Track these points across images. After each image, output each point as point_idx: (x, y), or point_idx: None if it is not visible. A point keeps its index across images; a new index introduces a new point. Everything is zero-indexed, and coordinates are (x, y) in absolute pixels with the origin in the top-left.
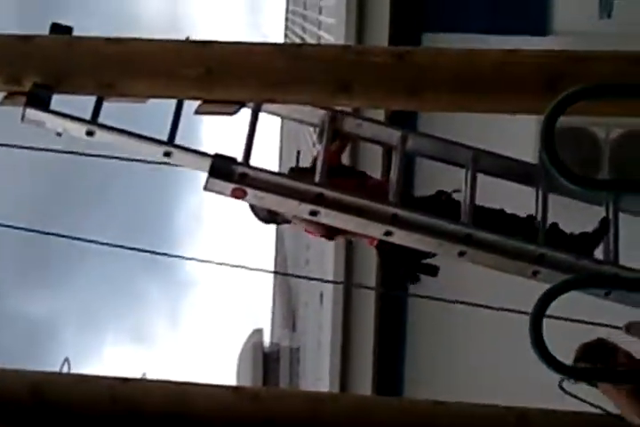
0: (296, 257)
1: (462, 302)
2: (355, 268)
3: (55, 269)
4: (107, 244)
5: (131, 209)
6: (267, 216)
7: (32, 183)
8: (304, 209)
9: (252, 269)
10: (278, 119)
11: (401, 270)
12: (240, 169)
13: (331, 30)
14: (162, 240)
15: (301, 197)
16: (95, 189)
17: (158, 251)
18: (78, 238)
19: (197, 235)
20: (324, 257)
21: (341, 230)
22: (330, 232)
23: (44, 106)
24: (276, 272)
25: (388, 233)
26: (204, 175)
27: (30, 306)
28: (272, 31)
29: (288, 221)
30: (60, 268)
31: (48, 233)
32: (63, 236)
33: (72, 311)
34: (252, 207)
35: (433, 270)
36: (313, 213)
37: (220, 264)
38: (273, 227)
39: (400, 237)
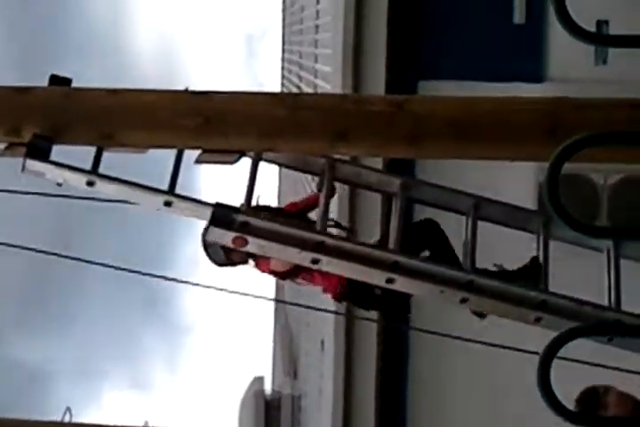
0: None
1: (468, 340)
2: (355, 316)
3: (50, 315)
4: (111, 266)
5: (130, 242)
6: (221, 259)
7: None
8: (305, 257)
9: (255, 297)
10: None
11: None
12: (241, 218)
13: (327, 78)
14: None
15: (302, 244)
16: (92, 221)
17: (156, 285)
18: (80, 259)
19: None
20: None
21: (298, 272)
22: (287, 272)
23: (43, 157)
24: (278, 301)
25: (389, 280)
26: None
27: (25, 352)
28: (268, 79)
29: (245, 261)
30: (56, 314)
31: (54, 254)
32: (67, 257)
33: (68, 357)
34: (206, 250)
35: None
36: (315, 262)
37: (222, 290)
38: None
39: (402, 284)
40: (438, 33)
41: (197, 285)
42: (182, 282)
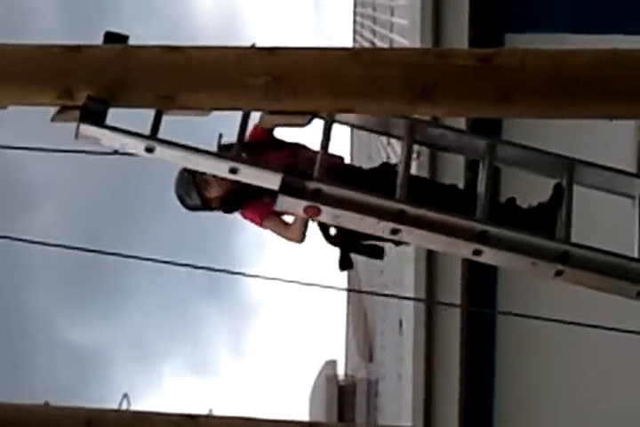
0: (371, 280)
1: (559, 321)
2: (437, 288)
3: (106, 293)
4: (166, 262)
5: (188, 226)
6: (195, 203)
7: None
8: (384, 227)
9: (324, 287)
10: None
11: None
12: (313, 185)
13: (404, 33)
14: (223, 259)
15: (381, 214)
16: (151, 206)
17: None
18: (134, 257)
19: (262, 254)
20: (403, 279)
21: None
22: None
23: (99, 121)
24: (350, 290)
25: (477, 252)
26: None
27: (81, 335)
28: (338, 34)
29: (219, 209)
30: (112, 292)
31: (101, 252)
32: (117, 254)
33: (126, 339)
34: (179, 195)
35: (378, 253)
36: (394, 232)
37: (290, 282)
38: None
39: (490, 256)
40: None
41: (262, 277)
42: (250, 276)
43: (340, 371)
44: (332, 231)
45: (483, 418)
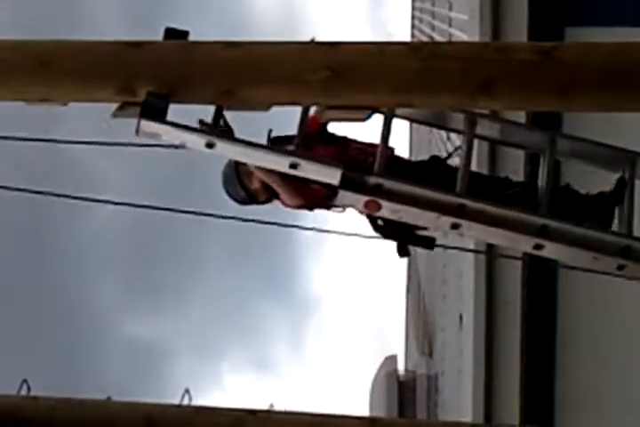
0: (432, 277)
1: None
2: (496, 286)
3: (169, 289)
4: (227, 217)
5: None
6: (243, 197)
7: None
8: (445, 222)
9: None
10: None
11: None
12: (373, 180)
13: (463, 27)
14: (283, 256)
15: (441, 209)
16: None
17: (279, 268)
18: (192, 212)
19: (322, 250)
20: (463, 276)
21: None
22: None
23: (159, 117)
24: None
25: (538, 246)
26: None
27: (143, 329)
28: (397, 29)
29: (270, 199)
30: (175, 288)
31: (160, 208)
32: (173, 210)
33: (187, 335)
34: (227, 191)
35: (429, 243)
36: (454, 226)
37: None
38: None
39: (551, 251)
40: None
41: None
42: (301, 228)
43: (401, 366)
44: (380, 222)
45: (544, 412)
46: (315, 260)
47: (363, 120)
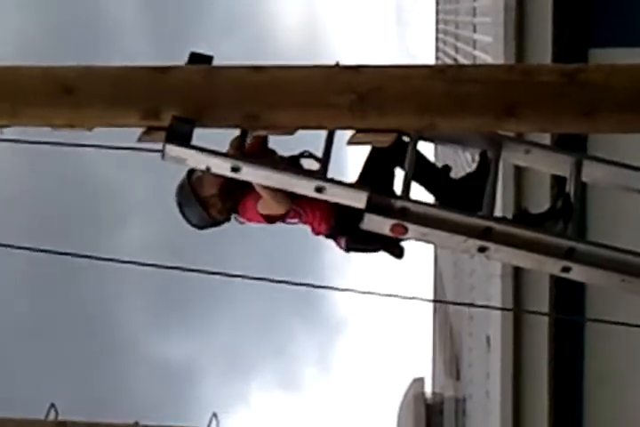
0: (459, 298)
1: None
2: (524, 300)
3: (196, 310)
4: (257, 278)
5: (277, 243)
6: (203, 220)
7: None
8: (471, 245)
9: (406, 298)
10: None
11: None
12: (399, 203)
13: (487, 49)
14: (311, 275)
15: (468, 232)
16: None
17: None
18: (220, 273)
19: (349, 269)
20: (489, 289)
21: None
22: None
23: (185, 141)
24: (435, 301)
25: (565, 269)
26: None
27: (171, 350)
28: (421, 52)
29: (227, 218)
30: (202, 308)
31: (188, 269)
32: (202, 271)
33: (215, 354)
34: (182, 211)
35: (399, 253)
36: (482, 249)
37: (376, 294)
38: (431, 262)
39: (579, 274)
40: None
41: (349, 290)
42: (335, 289)
43: (428, 389)
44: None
45: None
46: (342, 282)
47: (389, 143)
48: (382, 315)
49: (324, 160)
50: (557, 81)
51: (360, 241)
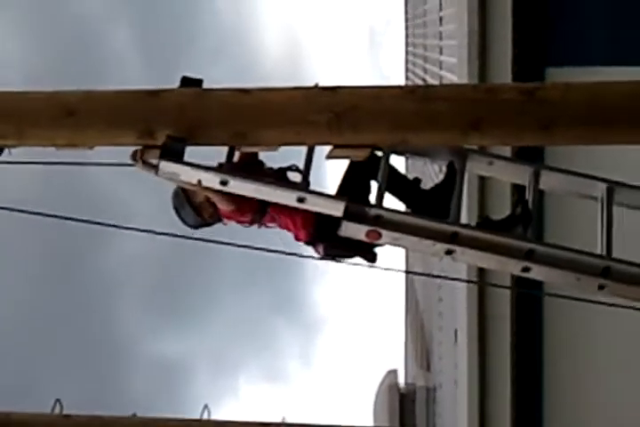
0: (428, 295)
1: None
2: (487, 303)
3: (187, 310)
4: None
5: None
6: (195, 221)
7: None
8: (439, 248)
9: (384, 269)
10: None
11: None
12: (374, 211)
13: (453, 69)
14: (294, 281)
15: (436, 236)
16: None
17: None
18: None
19: (327, 275)
20: (457, 294)
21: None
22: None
23: (178, 158)
24: (408, 272)
25: (525, 269)
26: None
27: (165, 349)
28: (393, 72)
29: (218, 219)
30: (192, 309)
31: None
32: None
33: (206, 353)
34: (178, 213)
35: (372, 257)
36: (449, 252)
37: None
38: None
39: (538, 273)
40: (564, 18)
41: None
42: (302, 256)
43: (401, 379)
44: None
45: (533, 421)
46: (321, 284)
47: (363, 157)
48: (359, 313)
49: (305, 173)
50: (518, 98)
51: (337, 247)
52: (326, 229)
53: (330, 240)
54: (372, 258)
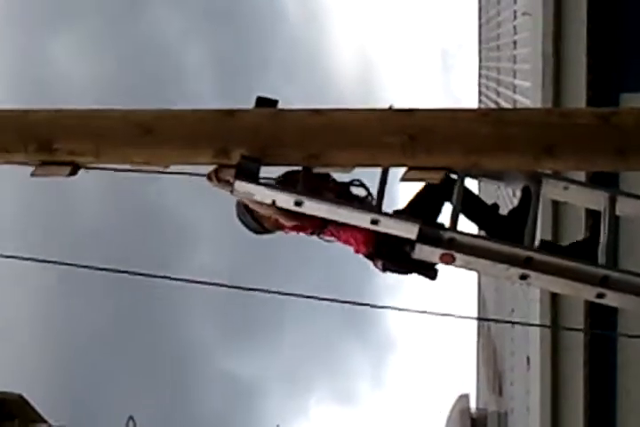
0: (499, 314)
1: None
2: (561, 331)
3: (259, 329)
4: (307, 296)
5: (331, 264)
6: (256, 227)
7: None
8: (513, 273)
9: (457, 317)
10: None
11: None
12: (448, 234)
13: (526, 93)
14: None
15: (510, 260)
16: (296, 245)
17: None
18: (282, 293)
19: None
20: (530, 320)
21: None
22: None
23: (253, 178)
24: (479, 318)
25: (600, 295)
26: None
27: (236, 367)
28: (465, 95)
29: (279, 228)
30: (267, 327)
31: (251, 289)
32: (266, 291)
33: (276, 371)
34: (242, 221)
35: (433, 274)
36: (523, 277)
37: (422, 312)
38: (474, 287)
39: (612, 299)
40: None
41: (395, 309)
42: (382, 307)
43: (473, 404)
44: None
45: None
46: (392, 303)
47: (438, 180)
48: (431, 336)
49: (379, 195)
50: (592, 123)
51: (396, 264)
52: (386, 246)
53: (389, 257)
54: (432, 275)
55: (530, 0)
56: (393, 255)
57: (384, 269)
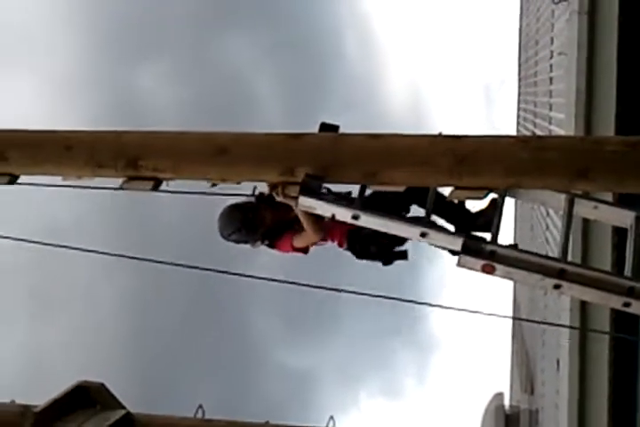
0: (533, 327)
1: None
2: (588, 335)
3: (316, 325)
4: (360, 293)
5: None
6: (237, 236)
7: None
8: (548, 283)
9: (487, 315)
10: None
11: (375, 257)
12: (489, 247)
13: (561, 125)
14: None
15: (545, 271)
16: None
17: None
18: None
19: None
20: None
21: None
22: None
23: (315, 194)
24: (515, 318)
25: (626, 304)
26: None
27: (294, 360)
28: (505, 126)
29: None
30: (323, 322)
31: (306, 285)
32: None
33: (330, 364)
34: (233, 240)
35: (404, 254)
36: (556, 287)
37: (461, 310)
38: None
39: (638, 308)
40: None
41: (438, 306)
42: (421, 304)
43: (507, 402)
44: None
45: None
46: (437, 310)
47: (481, 198)
48: (471, 337)
49: (428, 210)
50: (622, 150)
51: (365, 253)
52: (357, 240)
53: (361, 248)
54: (405, 256)
55: (565, 41)
56: (362, 247)
57: (358, 257)
